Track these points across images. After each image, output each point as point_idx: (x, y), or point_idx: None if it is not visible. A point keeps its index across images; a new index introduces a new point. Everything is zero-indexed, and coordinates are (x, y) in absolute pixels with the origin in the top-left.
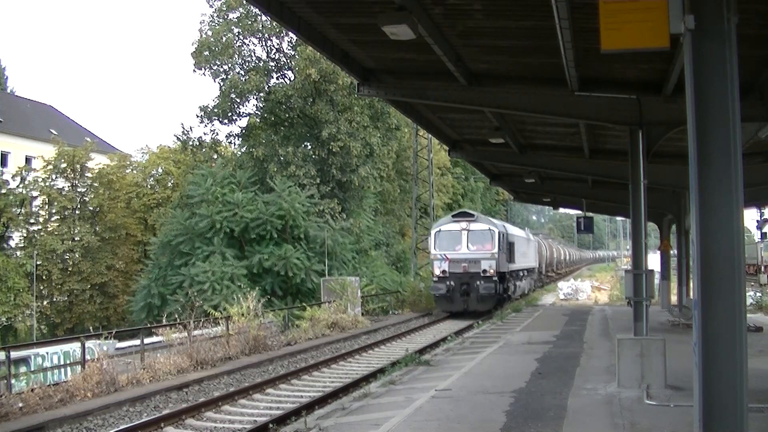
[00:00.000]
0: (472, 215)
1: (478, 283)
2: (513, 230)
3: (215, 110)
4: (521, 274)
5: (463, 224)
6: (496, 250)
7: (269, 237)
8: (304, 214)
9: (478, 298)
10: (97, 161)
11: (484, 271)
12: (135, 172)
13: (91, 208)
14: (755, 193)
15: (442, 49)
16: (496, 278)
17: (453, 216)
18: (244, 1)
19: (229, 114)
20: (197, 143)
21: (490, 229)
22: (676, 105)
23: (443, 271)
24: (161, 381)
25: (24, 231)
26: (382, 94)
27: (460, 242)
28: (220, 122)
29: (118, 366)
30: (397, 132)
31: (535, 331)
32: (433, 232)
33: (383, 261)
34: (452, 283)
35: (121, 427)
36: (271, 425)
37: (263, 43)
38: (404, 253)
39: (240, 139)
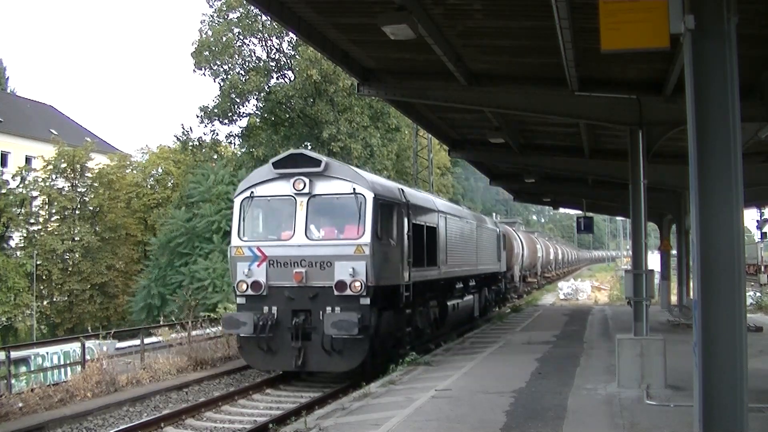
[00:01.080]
0: (316, 163)
1: (327, 310)
2: (431, 202)
3: (215, 110)
4: (458, 287)
5: (300, 183)
6: (369, 238)
7: None
8: None
9: (326, 343)
10: (97, 161)
11: (341, 284)
12: (135, 172)
13: (91, 208)
14: (755, 193)
15: (442, 49)
16: (369, 300)
17: (275, 165)
18: (244, 1)
19: (229, 114)
20: (197, 143)
21: (356, 193)
22: (676, 105)
23: (255, 284)
24: (161, 381)
25: (24, 231)
26: (382, 94)
27: (292, 221)
28: (220, 122)
29: (118, 366)
30: (397, 133)
31: (535, 331)
32: (237, 199)
33: None
34: (273, 309)
35: (121, 427)
36: (271, 425)
37: (263, 43)
38: None
39: (240, 139)
